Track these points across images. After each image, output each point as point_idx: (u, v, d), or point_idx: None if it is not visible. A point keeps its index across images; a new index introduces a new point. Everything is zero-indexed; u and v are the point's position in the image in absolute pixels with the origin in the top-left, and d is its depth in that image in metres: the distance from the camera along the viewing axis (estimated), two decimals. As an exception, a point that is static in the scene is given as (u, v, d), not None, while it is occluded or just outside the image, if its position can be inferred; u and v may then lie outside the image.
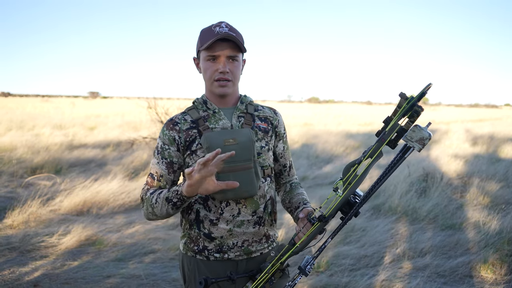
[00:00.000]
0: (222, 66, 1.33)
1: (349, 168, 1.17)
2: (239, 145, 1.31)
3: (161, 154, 1.37)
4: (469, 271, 3.23)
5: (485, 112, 43.09)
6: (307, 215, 1.28)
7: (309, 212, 1.30)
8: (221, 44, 1.31)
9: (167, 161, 1.37)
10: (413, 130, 1.05)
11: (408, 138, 1.06)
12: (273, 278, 1.32)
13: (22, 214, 4.18)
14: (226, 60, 1.33)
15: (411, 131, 1.05)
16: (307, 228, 1.24)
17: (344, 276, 3.12)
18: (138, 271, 3.17)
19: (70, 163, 7.11)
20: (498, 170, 6.59)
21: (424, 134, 1.04)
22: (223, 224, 1.35)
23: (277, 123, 1.49)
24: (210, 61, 1.34)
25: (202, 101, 1.41)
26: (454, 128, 14.27)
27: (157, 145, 1.39)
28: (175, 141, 1.36)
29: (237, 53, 1.34)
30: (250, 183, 1.32)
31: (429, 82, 1.06)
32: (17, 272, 3.08)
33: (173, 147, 1.36)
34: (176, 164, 1.38)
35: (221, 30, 1.31)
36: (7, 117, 14.68)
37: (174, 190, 1.23)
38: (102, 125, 13.76)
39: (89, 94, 72.92)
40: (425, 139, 1.04)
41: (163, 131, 1.38)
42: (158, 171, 1.36)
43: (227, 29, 1.32)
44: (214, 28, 1.32)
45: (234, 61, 1.35)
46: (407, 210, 4.63)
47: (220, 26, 1.33)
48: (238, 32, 1.37)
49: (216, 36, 1.29)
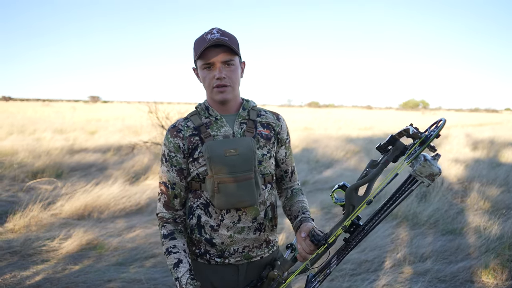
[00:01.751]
0: (218, 72, 1.32)
1: (352, 191, 1.15)
2: (240, 156, 1.30)
3: (169, 162, 1.38)
4: (470, 276, 3.23)
5: (486, 116, 43.11)
6: (308, 234, 1.28)
7: (309, 230, 1.29)
8: (214, 51, 1.31)
9: (176, 168, 1.37)
10: (423, 166, 0.98)
11: (418, 173, 0.99)
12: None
13: (23, 218, 4.18)
14: (221, 65, 1.32)
15: (421, 166, 0.98)
16: (309, 246, 1.24)
17: (345, 281, 3.12)
18: (139, 275, 3.17)
19: (71, 167, 7.12)
20: (499, 175, 6.59)
21: (434, 170, 0.98)
22: (224, 230, 1.36)
23: (280, 129, 1.47)
24: (207, 69, 1.34)
25: (205, 107, 1.41)
26: (454, 133, 14.29)
27: (164, 152, 1.39)
28: (180, 148, 1.36)
29: (231, 57, 1.33)
30: (250, 193, 1.32)
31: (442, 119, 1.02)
32: (19, 276, 3.09)
33: (179, 154, 1.37)
34: (185, 170, 1.39)
35: (212, 37, 1.30)
36: (8, 122, 14.72)
37: (176, 278, 1.29)
38: (102, 129, 13.78)
39: (89, 99, 73.13)
40: (435, 175, 0.98)
41: (167, 138, 1.38)
42: (170, 179, 1.38)
43: (218, 34, 1.32)
44: (206, 36, 1.32)
45: (230, 66, 1.34)
46: (408, 215, 4.63)
47: (211, 33, 1.32)
48: (232, 35, 1.36)
49: (207, 43, 1.29)
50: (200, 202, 1.37)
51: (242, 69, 1.43)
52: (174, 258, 1.31)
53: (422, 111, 56.96)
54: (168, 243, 1.34)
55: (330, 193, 1.22)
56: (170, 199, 1.39)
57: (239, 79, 1.39)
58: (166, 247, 1.34)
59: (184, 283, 1.26)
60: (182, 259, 1.31)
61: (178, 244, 1.34)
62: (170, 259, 1.31)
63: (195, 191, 1.39)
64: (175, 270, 1.29)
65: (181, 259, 1.31)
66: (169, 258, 1.32)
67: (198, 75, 1.42)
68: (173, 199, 1.39)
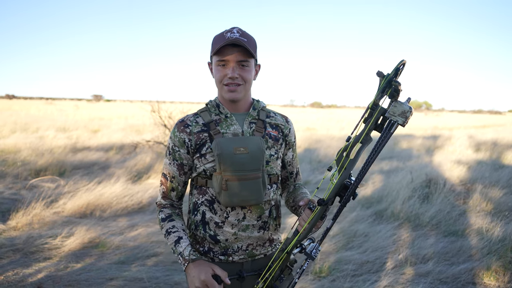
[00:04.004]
0: (231, 71, 1.33)
1: (341, 152, 1.21)
2: (249, 154, 1.32)
3: (172, 155, 1.40)
4: (472, 278, 3.22)
5: (489, 118, 42.96)
6: (307, 203, 1.30)
7: (309, 200, 1.31)
8: (231, 49, 1.32)
9: (177, 163, 1.40)
10: (394, 105, 1.11)
11: (391, 114, 1.12)
12: (282, 276, 1.33)
13: (26, 216, 4.20)
14: (236, 65, 1.34)
15: (393, 107, 1.11)
16: (308, 215, 1.27)
17: (346, 281, 3.12)
18: (141, 274, 3.18)
19: (74, 166, 7.15)
20: (502, 176, 6.56)
21: (405, 107, 1.10)
22: (228, 228, 1.37)
23: (288, 131, 1.49)
24: (220, 66, 1.36)
25: (215, 104, 1.42)
26: (457, 134, 14.23)
27: (169, 145, 1.41)
28: (185, 144, 1.37)
29: (247, 58, 1.34)
30: (257, 192, 1.34)
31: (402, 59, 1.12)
32: (21, 273, 3.10)
33: (183, 150, 1.38)
34: (186, 166, 1.41)
35: (232, 36, 1.32)
36: (11, 120, 14.78)
37: (179, 253, 1.31)
38: (105, 128, 13.81)
39: (92, 97, 73.38)
40: (406, 112, 1.10)
41: (173, 132, 1.39)
42: (170, 172, 1.41)
43: (238, 34, 1.33)
44: (225, 34, 1.34)
45: (244, 67, 1.35)
46: (410, 216, 4.62)
47: (231, 31, 1.34)
48: (251, 37, 1.37)
49: (226, 41, 1.30)
50: (205, 198, 1.38)
51: (256, 72, 1.44)
52: (174, 237, 1.34)
53: (425, 112, 56.82)
54: (166, 224, 1.37)
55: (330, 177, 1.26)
56: (168, 191, 1.44)
57: (252, 80, 1.40)
58: (165, 229, 1.37)
59: (187, 254, 1.29)
60: (182, 236, 1.34)
61: (177, 225, 1.38)
62: (171, 239, 1.34)
63: (200, 187, 1.40)
64: (177, 245, 1.32)
65: (181, 236, 1.34)
66: (169, 237, 1.34)
67: (211, 70, 1.43)
68: (170, 191, 1.43)
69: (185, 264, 1.28)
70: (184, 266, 1.29)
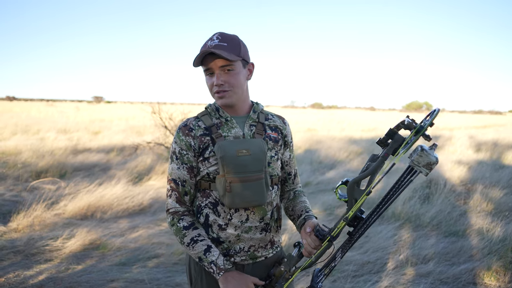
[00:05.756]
0: (216, 79, 1.35)
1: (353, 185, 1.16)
2: (252, 156, 1.33)
3: (180, 159, 1.39)
4: (473, 278, 3.22)
5: (489, 118, 42.92)
6: (313, 229, 1.31)
7: (314, 225, 1.33)
8: (211, 57, 1.33)
9: (187, 166, 1.39)
10: (420, 155, 1.00)
11: (415, 163, 1.01)
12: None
13: (27, 217, 4.21)
14: (220, 71, 1.34)
15: (418, 156, 1.00)
16: (314, 240, 1.28)
17: (347, 282, 3.12)
18: (142, 275, 3.18)
19: (75, 167, 7.15)
20: (502, 177, 6.56)
21: (431, 159, 0.99)
22: (231, 230, 1.38)
23: (286, 132, 1.51)
24: (208, 76, 1.38)
25: (215, 108, 1.43)
26: (457, 135, 14.22)
27: (174, 150, 1.40)
28: (192, 147, 1.38)
29: (229, 62, 1.33)
30: (261, 193, 1.35)
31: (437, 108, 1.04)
32: (22, 275, 3.11)
33: (190, 152, 1.38)
34: (195, 168, 1.40)
35: (212, 43, 1.33)
36: (12, 121, 14.80)
37: (211, 261, 1.31)
38: (106, 129, 13.83)
39: (93, 99, 73.45)
40: (432, 164, 0.99)
41: (179, 136, 1.39)
42: (181, 176, 1.39)
43: (217, 41, 1.33)
44: (207, 43, 1.35)
45: (230, 71, 1.34)
46: (411, 216, 4.62)
47: (212, 39, 1.35)
48: (232, 40, 1.35)
49: (201, 52, 1.32)
50: (208, 201, 1.39)
51: (250, 71, 1.44)
52: (202, 245, 1.33)
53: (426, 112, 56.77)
54: (191, 233, 1.35)
55: (334, 189, 1.25)
56: (181, 196, 1.40)
57: (241, 82, 1.39)
58: (190, 237, 1.34)
59: (221, 264, 1.31)
60: (211, 245, 1.34)
61: (202, 233, 1.37)
62: (198, 247, 1.33)
63: (204, 190, 1.40)
64: (208, 254, 1.32)
65: (210, 245, 1.34)
66: (196, 246, 1.33)
67: None
68: (183, 196, 1.41)
69: (220, 274, 1.30)
70: (218, 276, 1.30)
